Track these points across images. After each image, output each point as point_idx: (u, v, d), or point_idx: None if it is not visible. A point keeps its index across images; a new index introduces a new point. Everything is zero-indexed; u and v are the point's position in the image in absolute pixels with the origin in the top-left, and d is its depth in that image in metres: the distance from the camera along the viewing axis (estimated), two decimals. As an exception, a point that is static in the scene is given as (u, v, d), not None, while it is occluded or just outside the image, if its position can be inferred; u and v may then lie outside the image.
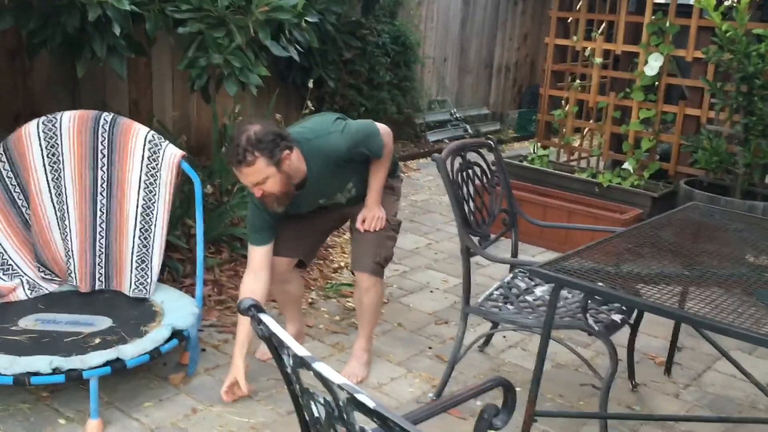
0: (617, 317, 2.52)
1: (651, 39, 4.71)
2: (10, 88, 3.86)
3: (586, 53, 5.18)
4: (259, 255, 2.63)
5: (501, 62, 8.45)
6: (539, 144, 5.44)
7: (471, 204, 2.75)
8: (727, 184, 4.31)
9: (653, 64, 4.66)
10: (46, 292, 2.73)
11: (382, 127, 2.70)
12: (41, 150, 2.67)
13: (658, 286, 2.03)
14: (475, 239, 2.73)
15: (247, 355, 2.91)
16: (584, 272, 2.10)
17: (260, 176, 2.36)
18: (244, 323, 2.59)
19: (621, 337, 2.69)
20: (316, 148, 2.53)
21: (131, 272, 2.74)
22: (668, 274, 2.17)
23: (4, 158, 2.68)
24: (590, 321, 2.39)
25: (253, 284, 2.61)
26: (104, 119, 2.70)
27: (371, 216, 2.74)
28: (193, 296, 2.84)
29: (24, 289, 2.67)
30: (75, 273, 2.74)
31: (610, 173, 4.88)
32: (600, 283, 2.04)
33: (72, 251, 2.74)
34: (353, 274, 2.85)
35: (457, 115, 7.74)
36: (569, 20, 5.28)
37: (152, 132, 2.71)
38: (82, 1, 2.55)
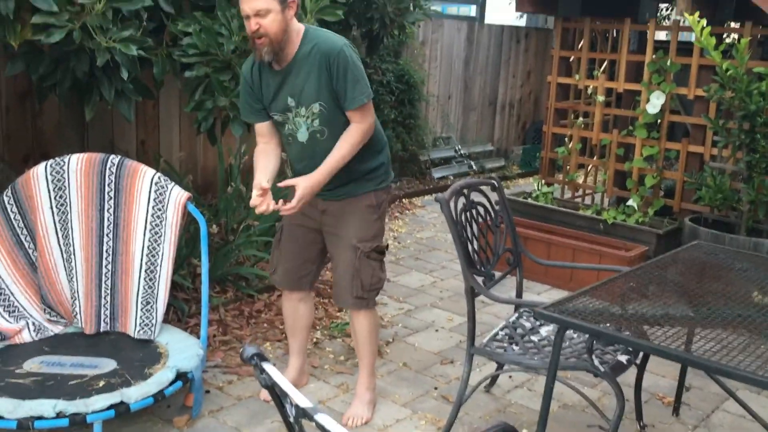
0: (623, 358, 2.50)
1: (652, 77, 4.75)
2: (21, 129, 3.92)
3: (589, 91, 5.23)
4: (264, 126, 2.67)
5: (505, 99, 8.53)
6: (543, 181, 5.46)
7: (475, 244, 2.75)
8: (731, 221, 4.31)
9: (655, 102, 4.69)
10: (52, 334, 2.73)
11: (370, 115, 2.60)
12: (49, 192, 2.70)
13: (663, 328, 2.03)
14: (480, 279, 2.73)
15: (253, 397, 2.91)
16: (589, 313, 2.10)
17: (264, 5, 2.39)
18: (259, 155, 2.63)
19: (628, 376, 2.67)
20: (315, 35, 2.54)
21: (136, 313, 2.75)
22: (674, 315, 2.17)
23: (12, 201, 2.71)
24: (596, 362, 2.38)
25: (266, 161, 2.61)
26: (111, 162, 2.73)
27: (298, 195, 2.47)
28: (198, 337, 2.84)
29: (30, 331, 2.68)
30: (80, 315, 2.75)
31: (614, 210, 4.88)
32: (605, 325, 2.03)
33: (78, 293, 2.75)
34: None
35: (462, 152, 7.79)
36: (571, 59, 5.34)
37: (158, 174, 2.74)
38: (91, 47, 2.60)
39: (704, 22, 3.97)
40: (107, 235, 2.75)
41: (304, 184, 2.49)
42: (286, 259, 2.84)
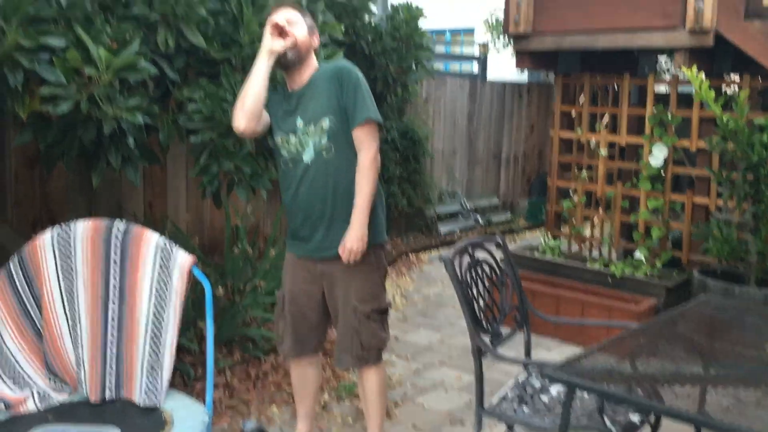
0: (635, 417, 2.45)
1: (654, 130, 4.79)
2: (29, 195, 3.97)
3: (591, 145, 5.27)
4: None
5: (509, 153, 8.60)
6: (549, 234, 5.45)
7: (481, 302, 2.74)
8: (741, 272, 4.28)
9: (658, 155, 4.72)
10: (56, 402, 2.70)
11: (376, 140, 2.62)
12: (55, 260, 2.71)
13: (675, 387, 1.99)
14: (487, 338, 2.71)
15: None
16: (598, 373, 2.07)
17: (295, 18, 2.62)
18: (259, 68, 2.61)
19: (641, 436, 2.62)
20: (326, 64, 2.71)
21: (141, 380, 2.72)
22: (685, 373, 2.13)
23: (18, 268, 2.72)
24: (608, 422, 2.33)
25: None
26: (117, 228, 2.75)
27: (348, 248, 2.59)
28: (203, 401, 2.81)
29: (34, 400, 2.65)
30: (85, 382, 2.73)
31: (622, 263, 4.86)
32: (615, 385, 2.00)
33: (83, 360, 2.73)
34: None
35: (468, 206, 7.81)
36: (573, 113, 5.40)
37: (164, 239, 2.74)
38: (98, 116, 2.65)
39: (702, 75, 4.02)
40: (112, 301, 2.74)
41: (349, 240, 2.58)
42: (292, 328, 2.82)
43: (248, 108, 2.60)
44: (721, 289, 4.00)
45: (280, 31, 2.58)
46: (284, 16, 2.62)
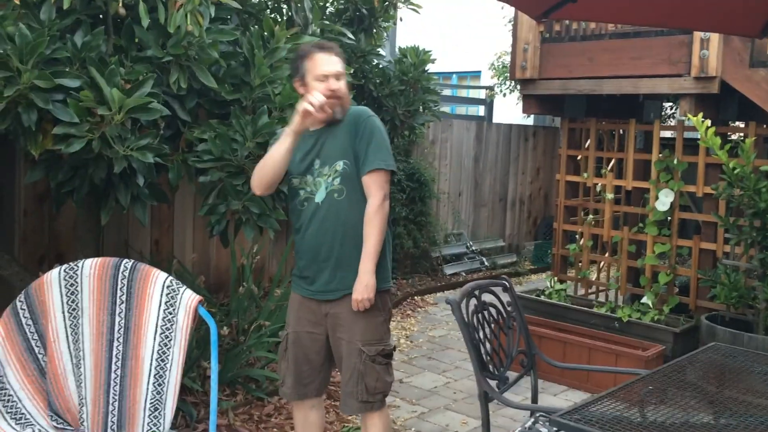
0: (645, 467, 2.41)
1: (660, 175, 4.80)
2: (37, 231, 3.99)
3: (598, 189, 5.28)
4: None
5: (515, 195, 8.62)
6: (556, 278, 5.43)
7: (488, 346, 2.72)
8: (749, 319, 4.24)
9: (664, 200, 4.72)
10: (57, 442, 2.68)
11: (384, 189, 2.62)
12: (61, 297, 2.71)
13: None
14: (493, 383, 2.68)
15: None
16: (607, 421, 2.04)
17: (343, 70, 2.63)
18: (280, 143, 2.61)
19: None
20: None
21: (144, 420, 2.69)
22: (695, 423, 2.10)
23: (25, 306, 2.72)
24: (616, 472, 2.29)
25: None
26: (124, 266, 2.75)
27: (355, 299, 2.59)
28: (205, 444, 2.77)
29: (35, 439, 2.62)
30: (87, 422, 2.70)
31: (629, 308, 4.82)
32: (624, 434, 1.97)
33: (86, 399, 2.71)
34: None
35: (474, 248, 7.81)
36: (579, 158, 5.42)
37: (170, 277, 2.75)
38: (109, 155, 2.68)
39: (708, 122, 4.05)
40: (117, 339, 2.73)
41: (357, 290, 2.58)
42: (294, 369, 2.80)
43: (267, 181, 2.66)
44: (730, 337, 3.96)
45: (331, 98, 2.57)
46: (337, 69, 2.60)
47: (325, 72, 2.59)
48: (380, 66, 5.13)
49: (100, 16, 2.97)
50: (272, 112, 3.13)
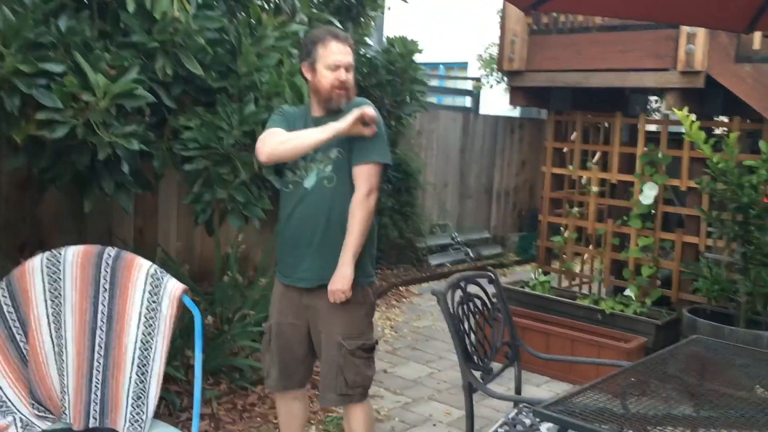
0: (626, 458, 2.43)
1: (645, 169, 4.83)
2: (19, 218, 3.94)
3: (583, 182, 5.30)
4: (279, 130, 2.62)
5: (500, 187, 8.64)
6: (540, 270, 5.46)
7: (472, 337, 2.72)
8: (730, 312, 4.29)
9: (648, 193, 4.75)
10: (39, 430, 2.65)
11: (372, 183, 2.61)
12: (43, 285, 2.69)
13: (666, 429, 1.98)
14: (478, 374, 2.69)
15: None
16: (590, 413, 2.05)
17: (352, 63, 2.62)
18: None
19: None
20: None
21: (126, 409, 2.68)
22: (676, 415, 2.12)
23: (6, 293, 2.69)
24: (598, 463, 2.31)
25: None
26: (108, 254, 2.73)
27: (332, 289, 2.58)
28: (189, 433, 2.77)
29: (16, 427, 2.60)
30: (69, 410, 2.68)
31: (612, 300, 4.86)
32: (607, 426, 1.98)
33: (68, 387, 2.69)
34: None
35: (459, 239, 7.82)
36: (564, 150, 5.44)
37: (154, 266, 2.72)
38: (94, 141, 2.64)
39: (693, 116, 4.08)
40: (100, 328, 2.71)
41: (334, 281, 2.56)
42: (278, 361, 2.79)
43: (283, 157, 2.61)
44: (711, 329, 4.00)
45: (339, 88, 2.58)
46: (348, 60, 2.60)
47: (338, 62, 2.58)
48: (368, 56, 5.12)
49: (85, 0, 2.93)
50: (259, 101, 3.10)
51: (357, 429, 2.74)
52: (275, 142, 2.57)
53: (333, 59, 2.58)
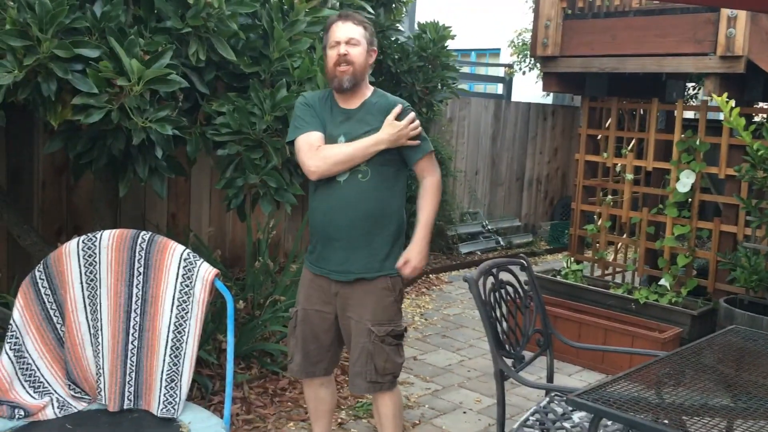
0: (660, 448, 2.39)
1: (682, 156, 4.74)
2: (56, 202, 4.00)
3: (617, 169, 5.22)
4: (318, 136, 2.63)
5: (532, 175, 8.56)
6: (572, 258, 5.40)
7: (504, 325, 2.70)
8: (768, 302, 4.20)
9: (685, 181, 4.66)
10: (75, 410, 2.70)
11: (438, 167, 2.73)
12: (80, 268, 2.73)
13: (703, 419, 1.95)
14: (509, 361, 2.67)
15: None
16: (625, 402, 2.02)
17: (356, 37, 2.59)
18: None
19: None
20: (384, 93, 2.73)
21: (160, 391, 2.71)
22: (713, 405, 2.08)
23: (43, 276, 2.73)
24: (632, 453, 2.28)
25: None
26: (142, 238, 2.76)
27: (410, 264, 2.66)
28: (221, 415, 2.79)
29: (53, 407, 2.65)
30: (105, 391, 2.73)
31: (646, 289, 4.79)
32: (642, 415, 1.96)
33: (103, 369, 2.73)
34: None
35: (489, 227, 7.77)
36: (599, 137, 5.36)
37: (187, 250, 2.75)
38: (128, 126, 2.67)
39: (732, 102, 3.98)
40: (135, 311, 2.74)
41: (412, 255, 2.65)
42: (302, 347, 2.80)
43: (331, 173, 2.61)
44: (748, 320, 3.92)
45: (339, 66, 2.59)
46: (347, 35, 2.60)
47: (336, 39, 2.60)
48: (399, 41, 5.08)
49: (120, -15, 2.94)
50: (291, 86, 3.10)
51: (386, 416, 2.74)
52: (327, 162, 2.58)
53: (333, 38, 2.62)
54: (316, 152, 2.59)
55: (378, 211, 2.63)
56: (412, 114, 2.64)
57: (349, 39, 2.59)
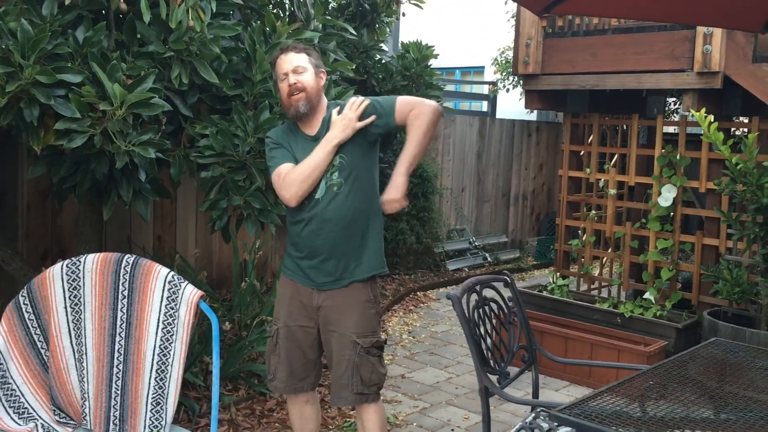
0: (645, 462, 2.41)
1: (663, 171, 4.79)
2: (40, 227, 4.00)
3: (600, 184, 5.27)
4: (286, 167, 2.65)
5: (518, 191, 8.61)
6: (558, 274, 5.43)
7: (488, 341, 2.72)
8: (751, 314, 4.24)
9: (667, 195, 4.71)
10: (60, 436, 2.69)
11: (419, 101, 2.67)
12: (63, 292, 2.72)
13: (685, 431, 1.97)
14: (494, 378, 2.68)
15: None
16: (607, 416, 2.04)
17: (303, 64, 2.63)
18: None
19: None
20: (337, 102, 2.75)
21: (146, 415, 2.70)
22: (695, 418, 2.10)
23: (27, 301, 2.73)
24: (616, 467, 2.29)
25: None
26: (126, 261, 2.76)
27: (389, 198, 2.65)
28: (207, 439, 2.78)
29: (37, 433, 2.64)
30: (90, 416, 2.71)
31: (631, 303, 4.82)
32: (625, 428, 1.97)
33: (88, 394, 2.72)
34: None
35: (476, 244, 7.80)
36: (582, 153, 5.42)
37: (172, 272, 2.75)
38: (111, 150, 2.68)
39: (711, 117, 4.04)
40: (119, 334, 2.74)
41: (389, 193, 2.64)
42: (287, 364, 2.81)
43: (304, 192, 2.64)
44: (732, 332, 3.96)
45: (292, 95, 2.64)
46: (293, 64, 2.64)
47: (284, 71, 2.65)
48: (383, 61, 5.13)
49: (102, 11, 2.97)
50: (273, 108, 3.13)
51: (372, 429, 2.75)
52: (294, 184, 2.62)
53: (281, 71, 2.67)
54: (284, 180, 2.65)
55: (358, 218, 2.68)
56: (353, 98, 2.69)
57: (295, 68, 2.63)
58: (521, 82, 5.31)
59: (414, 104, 2.67)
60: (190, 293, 2.72)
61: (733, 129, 5.07)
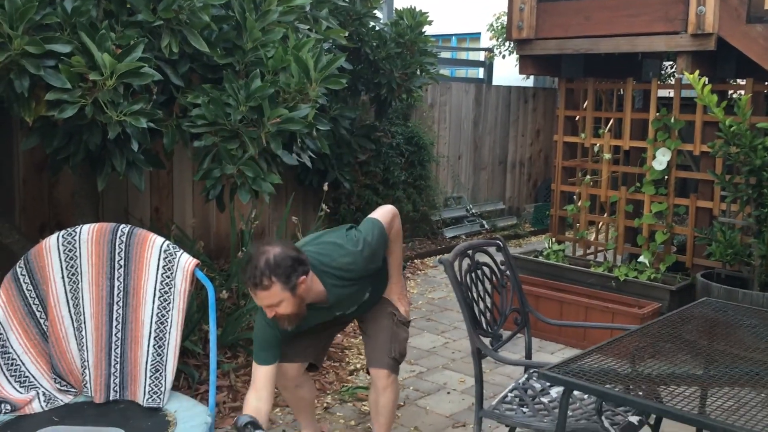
0: (635, 419, 2.46)
1: (657, 134, 4.80)
2: (37, 200, 4.02)
3: (596, 149, 5.28)
4: (263, 373, 2.58)
5: (515, 158, 8.61)
6: (554, 239, 5.46)
7: (481, 305, 2.76)
8: (744, 276, 4.28)
9: (661, 159, 4.73)
10: (62, 403, 2.74)
11: (387, 212, 2.76)
12: (60, 263, 2.75)
13: (675, 388, 2.00)
14: (487, 340, 2.73)
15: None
16: (596, 374, 2.08)
17: (275, 299, 2.39)
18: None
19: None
20: (333, 271, 2.57)
21: (145, 381, 2.75)
22: (683, 374, 2.14)
23: (25, 272, 2.76)
24: (606, 423, 2.34)
25: (256, 403, 2.54)
26: (122, 231, 2.79)
27: (405, 310, 2.87)
28: (207, 404, 2.83)
29: (39, 401, 2.68)
30: (90, 384, 2.76)
31: (626, 267, 4.86)
32: (613, 386, 2.01)
33: (88, 362, 2.77)
34: (368, 373, 2.85)
35: (473, 211, 7.82)
36: (577, 118, 5.41)
37: (167, 242, 2.78)
38: (103, 120, 2.69)
39: (705, 80, 4.03)
40: (117, 303, 2.78)
41: (403, 303, 2.88)
42: (303, 355, 2.90)
43: None
44: (725, 293, 4.00)
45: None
46: (263, 303, 2.45)
47: (264, 306, 2.49)
48: (376, 28, 5.10)
49: (90, -19, 2.95)
50: (265, 76, 3.12)
51: (388, 403, 2.78)
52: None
53: (257, 303, 2.54)
54: None
55: (379, 290, 2.87)
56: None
57: (268, 305, 2.45)
58: (516, 47, 5.28)
59: (390, 225, 2.75)
60: (186, 261, 2.74)
61: (728, 91, 5.06)
